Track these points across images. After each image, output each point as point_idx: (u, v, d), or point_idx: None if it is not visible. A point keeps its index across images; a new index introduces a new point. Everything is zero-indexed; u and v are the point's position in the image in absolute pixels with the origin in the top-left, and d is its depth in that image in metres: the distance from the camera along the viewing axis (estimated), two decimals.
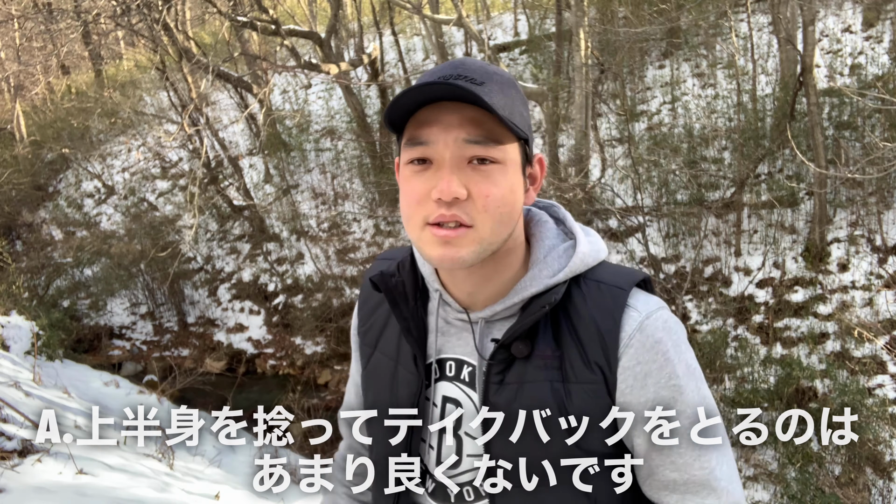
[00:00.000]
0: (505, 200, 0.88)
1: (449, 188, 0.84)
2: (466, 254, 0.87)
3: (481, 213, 0.86)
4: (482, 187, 0.86)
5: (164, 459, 5.12)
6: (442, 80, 0.85)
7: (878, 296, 6.71)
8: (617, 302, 0.90)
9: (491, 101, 0.83)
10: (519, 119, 0.89)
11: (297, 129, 13.07)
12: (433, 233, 0.87)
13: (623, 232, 8.42)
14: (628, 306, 0.90)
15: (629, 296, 0.91)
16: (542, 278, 0.93)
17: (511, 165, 0.89)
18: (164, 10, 8.36)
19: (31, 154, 15.67)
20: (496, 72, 0.90)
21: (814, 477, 5.12)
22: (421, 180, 0.87)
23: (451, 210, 0.85)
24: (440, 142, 0.86)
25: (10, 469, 3.41)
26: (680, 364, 0.89)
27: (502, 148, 0.88)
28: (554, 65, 11.15)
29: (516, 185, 0.90)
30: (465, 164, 0.86)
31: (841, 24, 10.24)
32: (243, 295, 11.14)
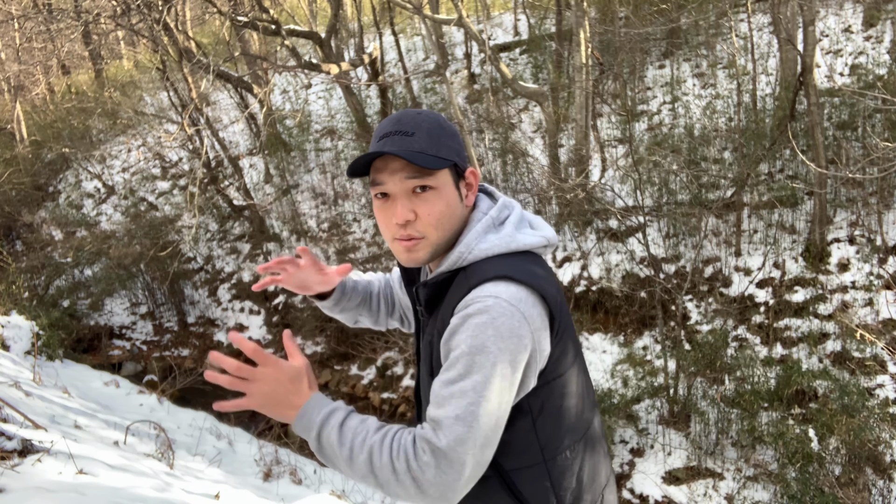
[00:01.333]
0: (443, 214, 1.24)
1: (402, 215, 1.22)
2: (422, 255, 1.26)
3: (427, 227, 1.23)
4: (424, 209, 1.23)
5: (164, 459, 5.12)
6: (386, 136, 1.23)
7: (878, 296, 6.70)
8: (461, 291, 1.20)
9: (420, 147, 1.21)
10: (445, 151, 1.24)
11: (298, 129, 13.08)
12: (399, 244, 1.26)
13: (623, 232, 8.42)
14: (470, 291, 1.18)
15: (475, 287, 1.18)
16: (444, 264, 1.27)
17: (444, 187, 1.24)
18: (165, 10, 8.36)
19: (31, 154, 15.68)
20: (425, 119, 1.25)
21: (814, 477, 5.12)
22: (385, 209, 1.25)
23: (406, 230, 1.23)
24: (390, 182, 1.23)
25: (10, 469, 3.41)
26: (475, 338, 1.12)
27: (434, 176, 1.23)
28: (554, 65, 11.15)
29: (451, 199, 1.26)
30: (411, 194, 1.23)
31: (841, 24, 10.24)
32: (243, 295, 11.14)
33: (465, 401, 1.10)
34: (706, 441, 6.13)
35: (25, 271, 11.75)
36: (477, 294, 1.15)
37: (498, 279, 1.17)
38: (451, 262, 1.25)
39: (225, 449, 6.34)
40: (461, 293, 1.19)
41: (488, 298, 1.14)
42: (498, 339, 1.11)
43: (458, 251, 1.24)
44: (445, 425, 1.10)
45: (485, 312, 1.12)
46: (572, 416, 1.28)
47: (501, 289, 1.15)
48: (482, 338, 1.11)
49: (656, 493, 5.88)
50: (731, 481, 5.78)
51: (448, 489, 1.09)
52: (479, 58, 12.95)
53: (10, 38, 16.56)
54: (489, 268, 1.20)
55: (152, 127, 15.10)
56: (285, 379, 1.21)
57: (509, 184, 9.93)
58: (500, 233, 1.26)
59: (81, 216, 14.08)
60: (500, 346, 1.11)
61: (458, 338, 1.14)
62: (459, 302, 1.17)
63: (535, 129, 10.90)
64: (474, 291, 1.17)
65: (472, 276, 1.20)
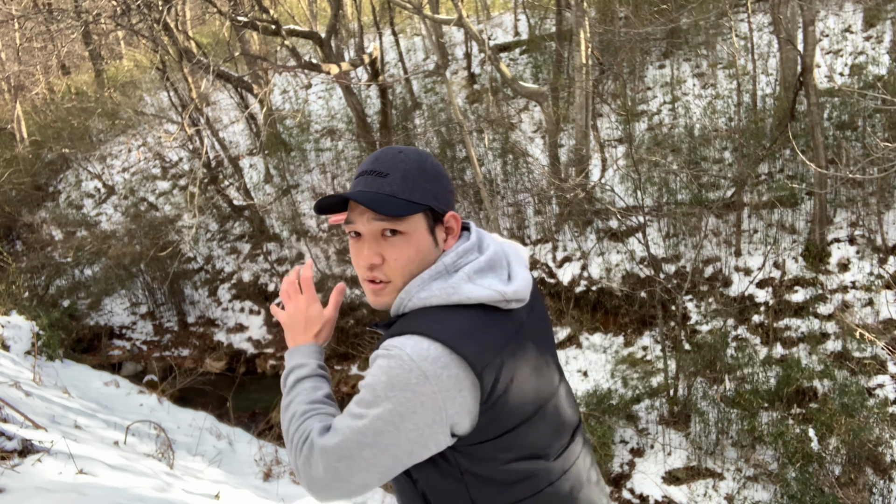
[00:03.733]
0: (410, 260, 1.20)
1: (367, 258, 1.21)
2: (388, 300, 1.24)
3: (393, 272, 1.21)
4: (391, 253, 1.20)
5: (164, 459, 5.13)
6: (361, 174, 1.22)
7: (878, 296, 6.70)
8: (381, 340, 1.20)
9: (391, 190, 1.18)
10: (420, 195, 1.20)
11: (297, 129, 13.07)
12: (367, 285, 1.25)
13: (623, 232, 8.42)
14: (385, 342, 1.17)
15: (393, 336, 1.16)
16: (393, 309, 1.26)
17: (415, 232, 1.20)
18: (165, 11, 8.36)
19: (31, 154, 15.68)
20: (403, 160, 1.22)
21: (814, 477, 5.12)
22: (356, 248, 1.24)
23: (372, 272, 1.22)
24: (359, 222, 1.21)
25: (10, 469, 3.41)
26: (372, 377, 1.13)
27: (403, 221, 1.19)
28: (554, 65, 11.15)
29: (422, 245, 1.21)
30: (380, 236, 1.20)
31: (841, 24, 10.24)
32: (243, 295, 11.14)
33: (346, 421, 1.15)
34: (706, 441, 6.13)
35: (25, 271, 11.75)
36: (388, 342, 1.14)
37: (413, 333, 1.13)
38: (395, 308, 1.23)
39: (225, 449, 6.34)
40: (391, 333, 1.18)
41: (393, 349, 1.12)
42: (388, 388, 1.10)
43: (400, 297, 1.21)
44: (334, 430, 1.16)
45: (385, 358, 1.12)
46: (518, 474, 1.20)
47: (410, 343, 1.11)
48: (375, 380, 1.12)
49: (656, 493, 5.88)
50: (731, 481, 5.78)
51: (307, 480, 1.18)
52: (479, 58, 12.95)
53: (10, 38, 16.56)
54: (416, 320, 1.17)
55: (152, 127, 15.10)
56: (303, 314, 1.35)
57: (509, 184, 9.93)
58: (446, 282, 1.19)
59: (81, 216, 14.08)
60: (387, 395, 1.10)
61: (366, 375, 1.17)
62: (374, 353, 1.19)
63: (535, 129, 10.90)
64: (388, 340, 1.15)
65: (399, 326, 1.18)
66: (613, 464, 6.27)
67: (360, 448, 1.13)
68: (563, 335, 8.18)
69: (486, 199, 6.73)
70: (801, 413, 6.04)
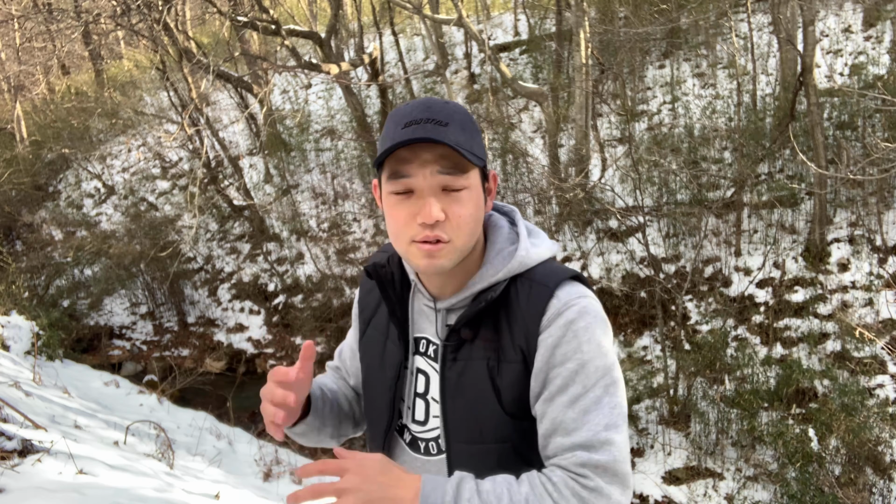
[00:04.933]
0: (472, 217, 1.10)
1: (431, 213, 1.05)
2: (446, 262, 1.09)
3: (456, 230, 1.08)
4: (455, 209, 1.08)
5: (164, 459, 5.13)
6: (415, 122, 1.05)
7: (878, 296, 6.70)
8: (541, 296, 1.10)
9: (455, 140, 1.05)
10: (477, 149, 1.11)
11: (297, 129, 13.07)
12: (419, 247, 1.09)
13: (623, 232, 8.42)
14: (553, 297, 1.10)
15: (554, 291, 1.10)
16: (487, 277, 1.14)
17: (474, 188, 1.10)
18: (165, 11, 8.36)
19: (31, 154, 15.67)
20: (456, 110, 1.10)
21: (814, 477, 5.12)
22: (405, 206, 1.08)
23: (433, 231, 1.07)
24: (419, 175, 1.07)
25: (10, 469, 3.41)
26: (587, 342, 1.06)
27: (467, 175, 1.09)
28: (554, 65, 11.15)
29: (479, 202, 1.12)
30: (440, 192, 1.07)
31: (841, 24, 10.24)
32: (243, 295, 11.14)
33: (606, 408, 1.04)
34: (706, 441, 6.13)
35: (25, 271, 11.74)
36: (567, 297, 1.09)
37: (573, 280, 1.12)
38: (512, 268, 1.13)
39: (225, 449, 6.34)
40: (539, 299, 1.10)
41: (581, 299, 1.08)
42: (606, 336, 1.08)
43: (519, 259, 1.13)
44: (600, 440, 1.02)
45: (586, 314, 1.07)
46: None
47: (583, 288, 1.11)
48: (595, 340, 1.06)
49: (656, 493, 5.88)
50: (731, 481, 5.78)
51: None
52: (479, 58, 12.95)
53: (10, 38, 16.56)
54: (551, 270, 1.13)
55: (152, 127, 15.09)
56: (375, 474, 0.96)
57: (509, 184, 9.93)
58: (539, 237, 1.20)
59: (81, 216, 14.08)
60: (610, 341, 1.09)
61: (565, 349, 1.06)
62: (543, 308, 1.09)
63: (535, 129, 10.90)
64: (560, 294, 1.09)
65: (541, 280, 1.12)
66: None
67: (626, 417, 1.07)
68: None
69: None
70: (801, 413, 6.04)
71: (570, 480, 1.00)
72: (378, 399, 1.26)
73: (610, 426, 1.03)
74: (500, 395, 1.11)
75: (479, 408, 1.12)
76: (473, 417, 1.13)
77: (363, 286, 1.38)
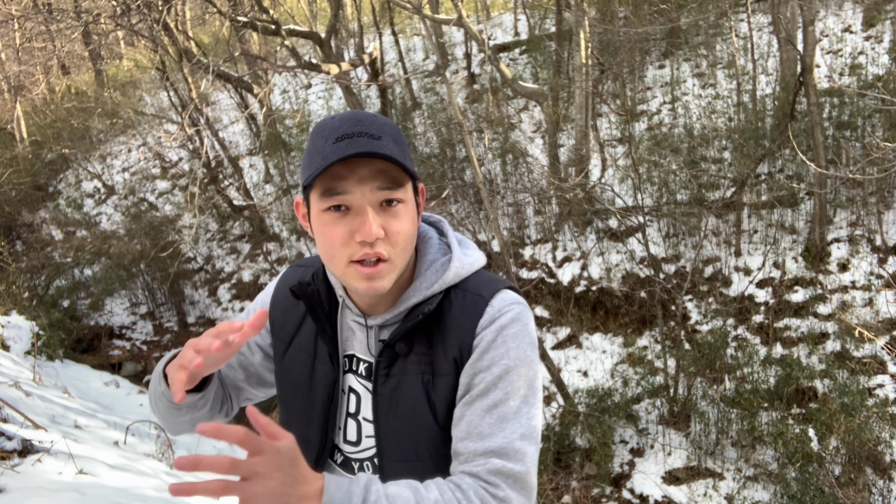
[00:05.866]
0: (409, 233, 1.07)
1: (371, 230, 1.01)
2: (386, 283, 1.06)
3: (395, 247, 1.05)
4: (393, 225, 1.04)
5: (164, 459, 5.13)
6: (348, 137, 1.01)
7: (878, 296, 6.70)
8: (475, 307, 1.09)
9: (391, 153, 1.01)
10: (409, 162, 1.07)
11: (297, 129, 13.07)
12: (357, 270, 1.04)
13: (623, 232, 8.42)
14: (487, 305, 1.09)
15: (489, 300, 1.09)
16: (421, 290, 1.12)
17: (409, 202, 1.08)
18: (164, 11, 8.36)
19: (31, 154, 15.67)
20: (385, 123, 1.07)
21: (814, 477, 5.12)
22: (342, 224, 1.03)
23: (373, 248, 1.03)
24: (357, 192, 1.02)
25: (11, 469, 3.41)
26: (515, 349, 1.06)
27: (403, 189, 1.05)
28: (554, 65, 11.15)
29: (414, 217, 1.09)
30: (378, 208, 1.04)
31: (841, 24, 10.24)
32: (243, 295, 11.14)
33: (524, 419, 1.04)
34: (706, 441, 6.13)
35: (25, 271, 11.74)
36: (500, 304, 1.08)
37: (506, 288, 1.12)
38: (451, 280, 1.11)
39: (225, 449, 6.33)
40: (475, 309, 1.09)
41: (514, 306, 1.09)
42: (531, 347, 1.08)
43: (455, 270, 1.12)
44: (514, 449, 1.01)
45: (518, 321, 1.07)
46: None
47: (516, 296, 1.11)
48: (522, 348, 1.06)
49: (656, 493, 5.88)
50: (731, 481, 5.78)
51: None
52: (479, 58, 12.95)
53: (10, 39, 16.56)
54: (484, 281, 1.13)
55: (152, 127, 15.09)
56: (287, 465, 0.85)
57: (509, 184, 9.93)
58: (469, 247, 1.18)
59: (82, 216, 14.08)
60: (535, 353, 1.08)
61: (493, 354, 1.06)
62: (478, 318, 1.08)
63: (535, 129, 10.90)
64: (495, 302, 1.09)
65: (475, 291, 1.11)
66: (613, 463, 6.28)
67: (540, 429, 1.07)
68: (563, 335, 8.18)
69: (486, 199, 6.73)
70: (801, 413, 6.04)
71: (480, 489, 0.99)
72: (308, 424, 1.20)
73: (525, 437, 1.02)
74: (434, 409, 1.09)
75: (413, 424, 1.10)
76: (408, 434, 1.10)
77: (280, 304, 1.27)
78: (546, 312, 8.43)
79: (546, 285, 8.56)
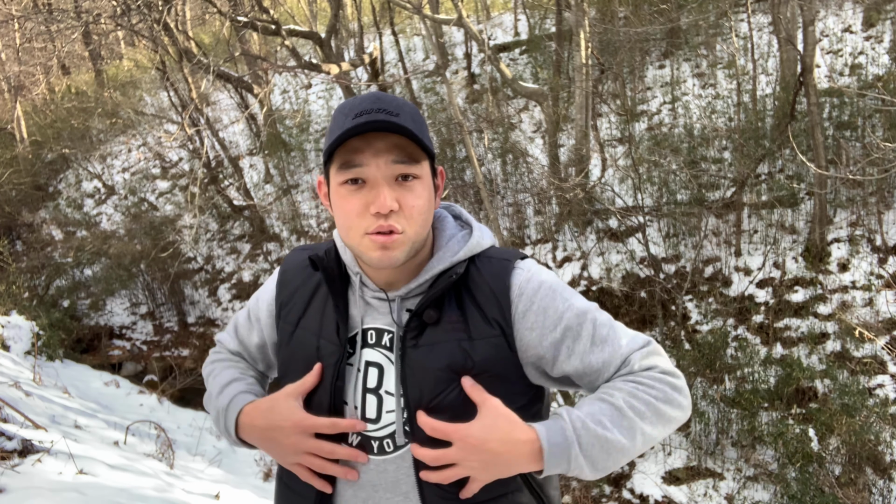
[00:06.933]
0: (424, 208, 1.09)
1: (385, 203, 1.04)
2: (400, 254, 1.08)
3: (409, 220, 1.07)
4: (408, 199, 1.07)
5: (164, 459, 5.13)
6: (366, 112, 1.04)
7: (878, 296, 6.71)
8: (506, 269, 1.14)
9: (408, 127, 1.04)
10: (427, 140, 1.09)
11: (297, 129, 13.07)
12: (372, 239, 1.07)
13: (623, 232, 8.42)
14: (515, 268, 1.14)
15: (515, 263, 1.15)
16: (446, 258, 1.15)
17: (425, 179, 1.10)
18: (165, 11, 8.36)
19: (31, 154, 15.68)
20: (405, 104, 1.10)
21: (814, 477, 5.12)
22: (357, 197, 1.07)
23: (387, 221, 1.05)
24: (373, 164, 1.05)
25: (11, 469, 3.41)
26: (571, 296, 1.13)
27: (419, 165, 1.08)
28: (554, 65, 11.15)
29: (430, 194, 1.12)
30: (393, 181, 1.06)
31: (841, 24, 10.24)
32: (244, 295, 11.14)
33: (619, 329, 1.12)
34: (706, 441, 6.13)
35: (25, 271, 11.74)
36: (530, 266, 1.16)
37: (525, 257, 1.19)
38: (471, 248, 1.16)
39: (225, 449, 6.34)
40: (505, 272, 1.14)
41: (542, 269, 1.16)
42: (578, 296, 1.16)
43: (475, 237, 1.17)
44: (637, 343, 1.11)
45: (553, 278, 1.16)
46: None
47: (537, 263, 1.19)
48: (572, 292, 1.15)
49: (656, 493, 5.88)
50: (731, 481, 5.78)
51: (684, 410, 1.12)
52: (479, 58, 12.95)
53: (10, 39, 16.56)
54: (505, 250, 1.20)
55: (152, 127, 15.10)
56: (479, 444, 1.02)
57: (509, 184, 9.93)
58: (483, 228, 1.23)
59: (82, 216, 14.08)
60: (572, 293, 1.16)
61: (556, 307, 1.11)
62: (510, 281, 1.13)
63: (535, 129, 10.90)
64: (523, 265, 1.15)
65: (501, 256, 1.17)
66: None
67: None
68: None
69: (486, 199, 6.73)
70: (801, 413, 6.04)
71: (647, 373, 1.07)
72: (315, 405, 1.16)
73: (632, 337, 1.11)
74: (475, 375, 1.10)
75: (447, 392, 1.09)
76: (439, 403, 1.09)
77: (286, 285, 1.27)
78: None
79: None
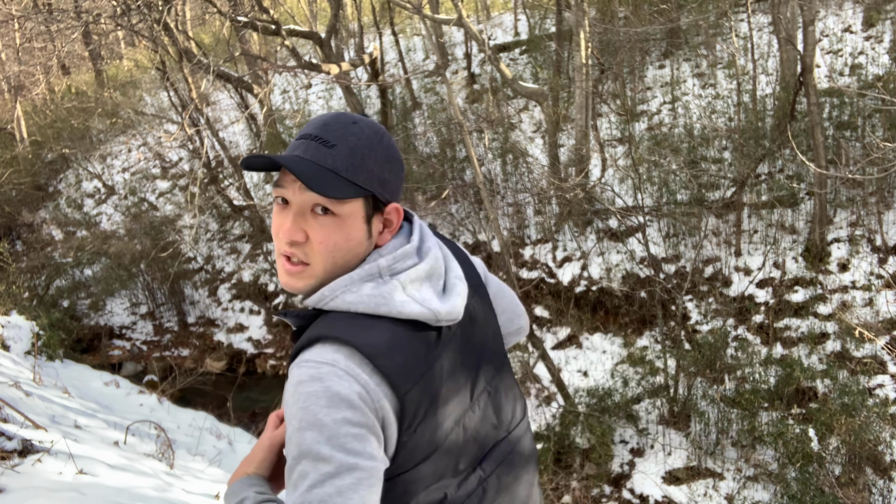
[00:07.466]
0: (338, 247, 1.04)
1: (289, 233, 1.03)
2: (303, 286, 1.06)
3: (316, 255, 1.04)
4: (318, 234, 1.03)
5: (164, 459, 5.13)
6: (303, 138, 1.04)
7: (878, 296, 6.71)
8: (294, 355, 1.02)
9: (333, 164, 1.01)
10: (364, 177, 1.04)
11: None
12: (281, 264, 1.07)
13: (623, 232, 8.42)
14: (294, 364, 1.00)
15: (302, 353, 1.00)
16: (308, 301, 1.09)
17: (350, 217, 1.04)
18: (165, 11, 8.36)
19: (31, 154, 15.68)
20: (355, 133, 1.05)
21: (814, 477, 5.12)
22: (280, 216, 1.06)
23: (292, 248, 1.04)
24: (289, 189, 1.04)
25: (11, 469, 3.41)
26: (298, 419, 0.94)
27: (340, 203, 1.03)
28: (554, 65, 11.15)
29: (353, 233, 1.05)
30: (308, 211, 1.04)
31: (841, 24, 10.24)
32: (243, 295, 11.14)
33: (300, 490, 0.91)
34: (706, 441, 6.13)
35: (25, 271, 11.75)
36: (297, 376, 0.97)
37: (331, 340, 0.99)
38: (314, 301, 1.06)
39: (225, 449, 6.34)
40: (292, 359, 1.02)
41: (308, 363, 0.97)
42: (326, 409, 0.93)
43: (322, 293, 1.04)
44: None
45: (317, 380, 0.95)
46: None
47: (330, 354, 0.97)
48: (311, 410, 0.93)
49: (656, 493, 5.89)
50: (731, 481, 5.78)
51: None
52: (479, 58, 12.95)
53: (10, 39, 16.57)
54: (336, 324, 1.01)
55: (152, 127, 15.10)
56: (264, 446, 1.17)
57: (509, 184, 9.93)
58: (379, 288, 1.03)
59: (82, 216, 14.08)
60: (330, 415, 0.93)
61: (288, 411, 0.96)
62: (296, 352, 1.01)
63: (535, 129, 10.90)
64: (295, 365, 0.99)
65: (316, 329, 1.02)
66: (613, 463, 6.28)
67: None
68: (563, 335, 8.18)
69: (486, 199, 6.73)
70: (801, 413, 6.04)
71: None
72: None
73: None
74: None
75: None
76: None
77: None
78: (546, 312, 8.43)
79: (546, 285, 8.56)
